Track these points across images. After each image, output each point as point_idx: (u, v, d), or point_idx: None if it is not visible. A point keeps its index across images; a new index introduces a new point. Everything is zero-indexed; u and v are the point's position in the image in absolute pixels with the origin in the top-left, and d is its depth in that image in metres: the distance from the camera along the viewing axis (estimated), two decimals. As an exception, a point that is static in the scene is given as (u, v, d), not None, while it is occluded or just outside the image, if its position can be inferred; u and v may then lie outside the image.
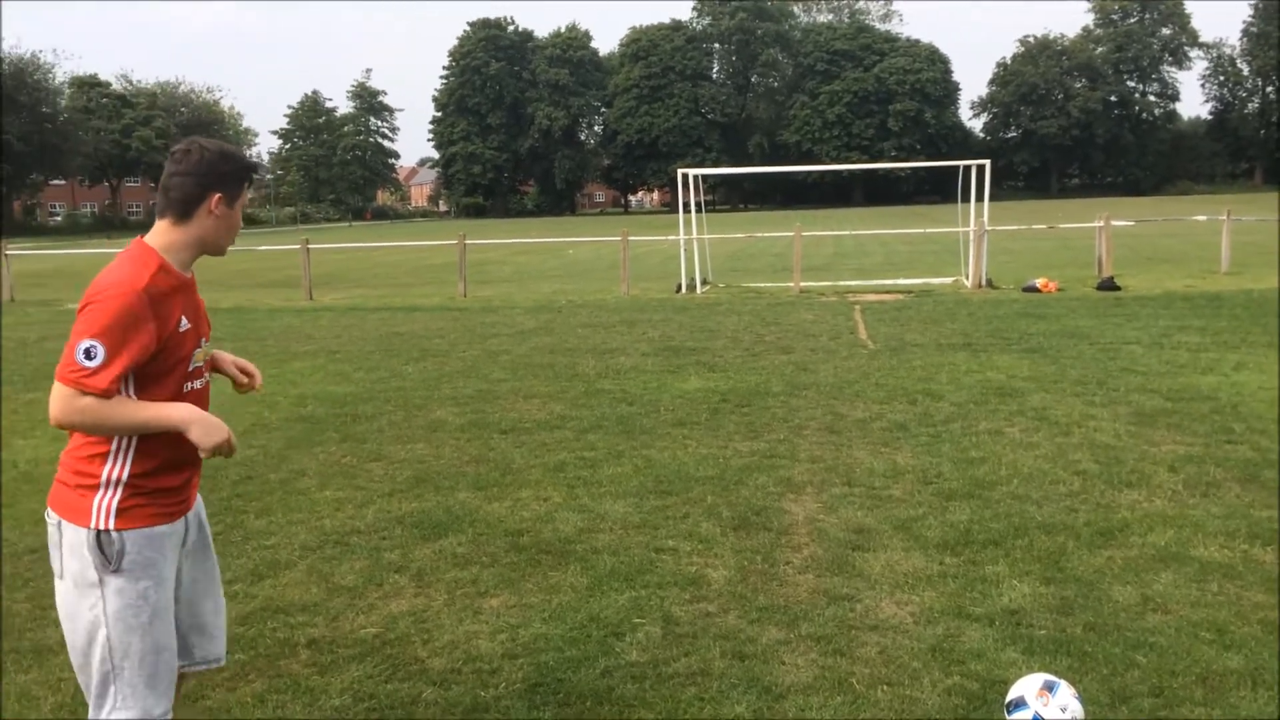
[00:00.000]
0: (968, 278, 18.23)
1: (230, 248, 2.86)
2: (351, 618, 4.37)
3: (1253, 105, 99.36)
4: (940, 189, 74.09)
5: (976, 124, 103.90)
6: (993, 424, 7.38)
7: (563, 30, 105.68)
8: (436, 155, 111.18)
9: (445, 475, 6.51)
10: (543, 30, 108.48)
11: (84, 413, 2.48)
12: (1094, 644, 3.85)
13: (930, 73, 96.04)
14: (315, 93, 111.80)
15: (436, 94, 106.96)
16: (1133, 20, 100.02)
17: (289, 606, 4.50)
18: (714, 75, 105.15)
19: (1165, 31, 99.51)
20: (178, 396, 2.64)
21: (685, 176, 19.69)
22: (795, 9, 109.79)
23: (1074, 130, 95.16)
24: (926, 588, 4.46)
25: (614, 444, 7.18)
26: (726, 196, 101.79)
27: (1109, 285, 16.42)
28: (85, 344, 2.46)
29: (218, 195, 2.67)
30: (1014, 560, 4.72)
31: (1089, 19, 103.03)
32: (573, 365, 10.67)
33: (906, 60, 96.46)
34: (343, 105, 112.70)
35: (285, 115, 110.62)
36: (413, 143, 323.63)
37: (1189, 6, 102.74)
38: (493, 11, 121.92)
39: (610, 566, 4.82)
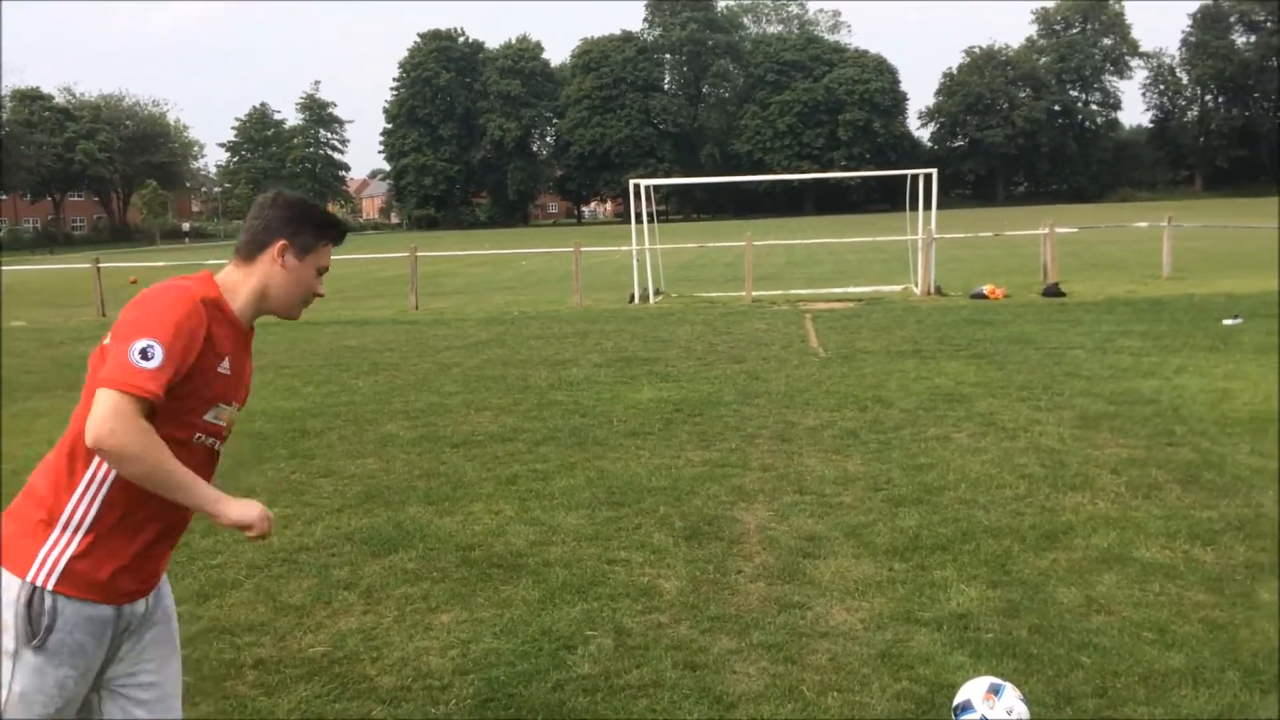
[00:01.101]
0: (917, 285, 18.44)
1: (300, 311, 2.55)
2: (299, 637, 4.32)
3: (1192, 114, 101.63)
4: (889, 197, 74.84)
5: (924, 133, 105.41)
6: (941, 430, 7.46)
7: (514, 41, 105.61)
8: (388, 167, 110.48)
9: (396, 490, 6.46)
10: (494, 41, 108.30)
11: (142, 432, 2.12)
12: (1039, 646, 3.91)
13: (879, 83, 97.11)
14: (263, 105, 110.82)
15: (387, 105, 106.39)
16: (1075, 31, 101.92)
17: (235, 627, 4.44)
18: (665, 86, 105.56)
19: (1106, 41, 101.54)
20: (185, 444, 2.31)
21: (637, 187, 19.74)
22: (745, 20, 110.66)
23: (1019, 139, 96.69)
24: (876, 594, 4.50)
25: (566, 456, 7.17)
26: (679, 206, 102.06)
27: (1054, 291, 16.69)
28: (141, 343, 2.15)
29: (283, 242, 2.43)
30: (961, 565, 4.78)
31: (1033, 29, 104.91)
32: (525, 377, 10.64)
33: (855, 70, 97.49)
34: (291, 117, 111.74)
35: (233, 128, 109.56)
36: (363, 155, 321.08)
37: (1129, 17, 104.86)
38: (444, 23, 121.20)
39: (562, 579, 4.81)
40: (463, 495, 6.29)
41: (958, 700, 3.33)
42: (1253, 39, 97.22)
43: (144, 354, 2.15)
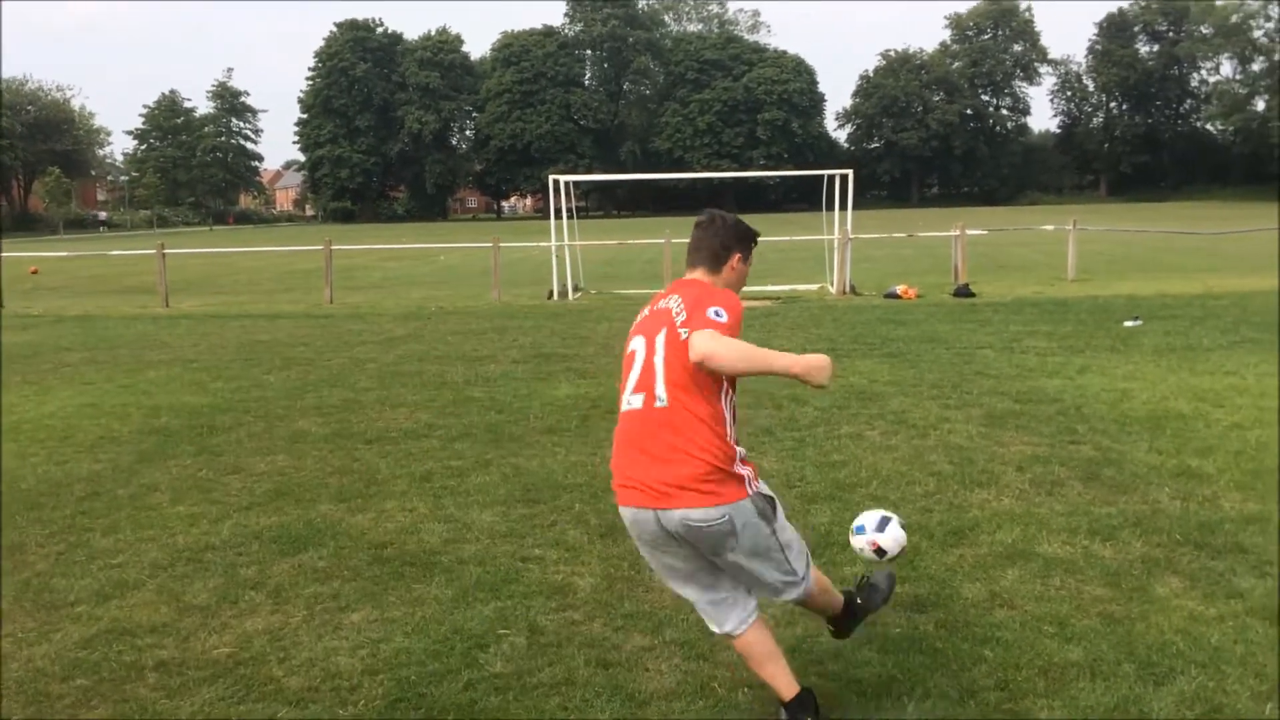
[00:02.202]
0: (833, 284, 18.70)
1: None
2: (204, 638, 4.22)
3: (1097, 120, 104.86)
4: (807, 197, 75.70)
5: (842, 134, 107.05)
6: (854, 427, 7.58)
7: (433, 33, 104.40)
8: (302, 158, 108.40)
9: (307, 487, 6.34)
10: (413, 33, 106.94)
11: (731, 345, 3.00)
12: (944, 640, 3.99)
13: (797, 83, 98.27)
14: (173, 92, 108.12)
15: (302, 95, 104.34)
16: (987, 37, 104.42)
17: (136, 628, 4.32)
18: (586, 82, 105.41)
19: (1017, 48, 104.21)
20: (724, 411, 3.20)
21: (557, 183, 19.68)
22: (666, 18, 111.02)
23: (933, 142, 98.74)
24: (788, 590, 4.54)
25: (482, 452, 7.12)
26: (599, 203, 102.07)
27: (964, 292, 17.06)
28: (713, 308, 3.08)
29: (738, 255, 3.41)
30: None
31: (946, 34, 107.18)
32: (442, 373, 10.53)
33: (774, 70, 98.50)
34: (203, 105, 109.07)
35: (141, 115, 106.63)
36: (277, 145, 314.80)
37: (1038, 24, 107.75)
38: (361, 12, 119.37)
39: (476, 577, 4.77)
40: (376, 492, 6.21)
41: (855, 523, 4.15)
42: (1155, 49, 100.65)
43: (716, 313, 3.10)
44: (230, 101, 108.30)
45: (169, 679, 3.87)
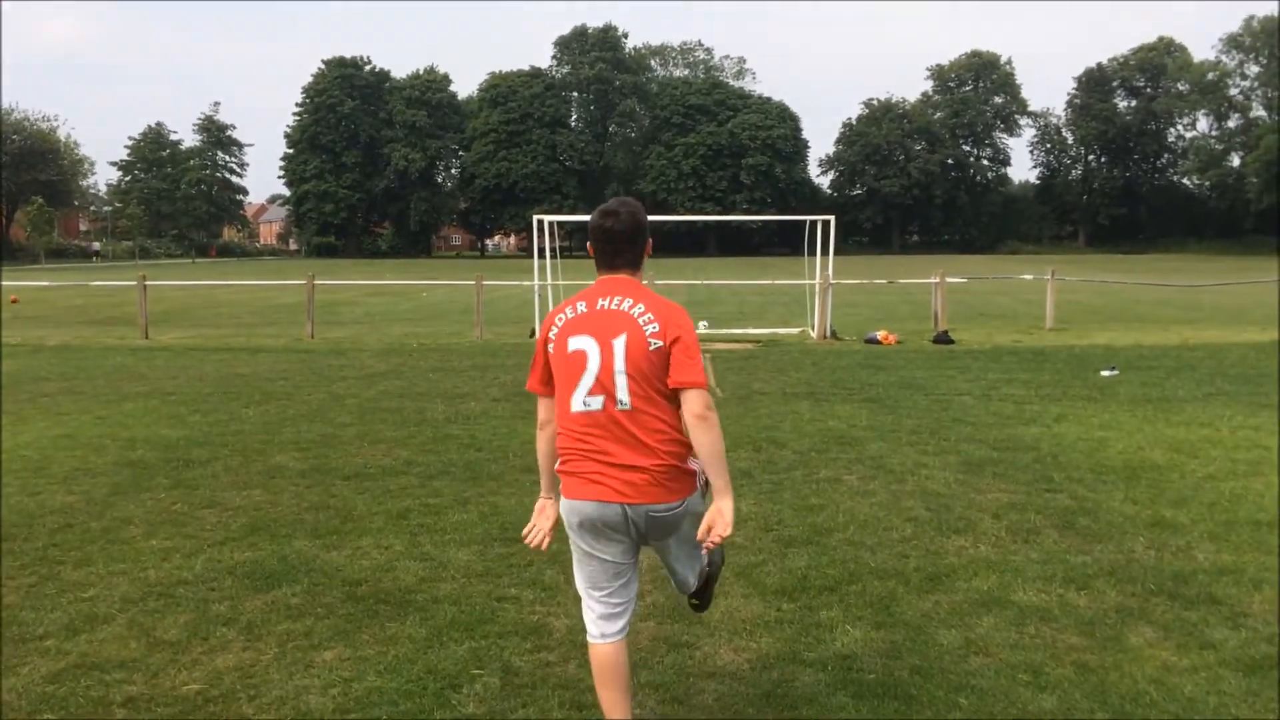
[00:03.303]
0: (813, 329, 18.80)
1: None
2: (173, 674, 4.17)
3: (1076, 172, 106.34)
4: (789, 241, 76.28)
5: (824, 180, 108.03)
6: (832, 471, 7.60)
7: (421, 72, 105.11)
8: (287, 192, 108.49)
9: (282, 523, 6.30)
10: (400, 71, 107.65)
11: (717, 430, 3.23)
12: (919, 687, 3.99)
13: (781, 129, 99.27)
14: (159, 124, 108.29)
15: (288, 130, 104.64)
16: (968, 88, 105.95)
17: (105, 663, 4.26)
18: (572, 123, 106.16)
19: (997, 100, 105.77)
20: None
21: (541, 223, 19.76)
22: (653, 63, 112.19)
23: (914, 190, 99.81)
24: (764, 634, 4.54)
25: (460, 490, 7.09)
26: (582, 243, 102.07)
27: (943, 339, 17.18)
28: (697, 354, 3.25)
29: (649, 240, 3.49)
30: (848, 605, 4.86)
31: (928, 85, 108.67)
32: (422, 410, 10.50)
33: (759, 117, 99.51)
34: (188, 138, 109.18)
35: (126, 146, 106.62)
36: (262, 179, 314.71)
37: (1019, 77, 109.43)
38: (349, 50, 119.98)
39: (451, 616, 4.74)
40: (352, 529, 6.17)
41: None
42: (1133, 104, 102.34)
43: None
44: (216, 134, 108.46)
45: (137, 715, 3.82)
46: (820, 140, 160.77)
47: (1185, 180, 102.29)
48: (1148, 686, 3.96)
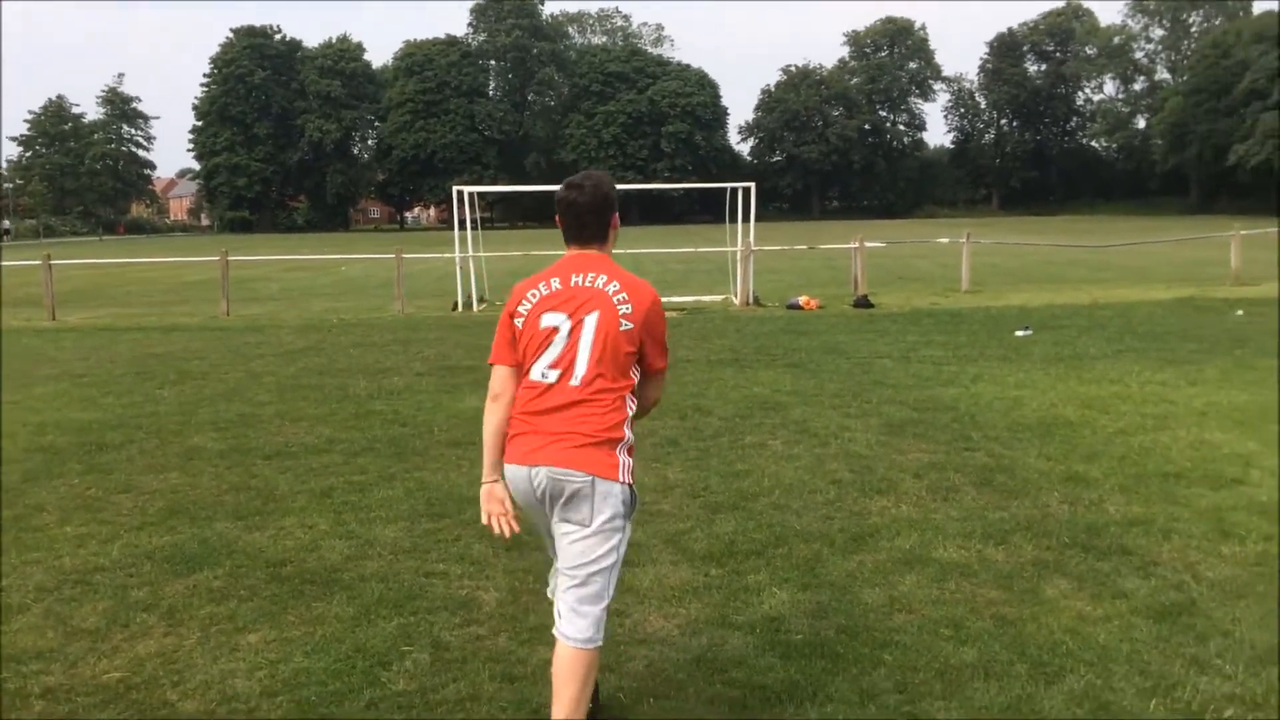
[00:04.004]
0: (736, 295, 18.92)
1: None
2: (93, 662, 4.07)
3: (989, 136, 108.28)
4: (711, 209, 76.57)
5: (745, 147, 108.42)
6: (757, 437, 7.67)
7: (334, 41, 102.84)
8: (197, 166, 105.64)
9: (202, 505, 6.17)
10: (312, 40, 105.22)
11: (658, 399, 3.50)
12: (845, 645, 4.07)
13: (701, 96, 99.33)
14: (60, 97, 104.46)
15: (197, 101, 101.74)
16: (883, 54, 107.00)
17: (21, 654, 4.15)
18: (490, 92, 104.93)
19: (912, 66, 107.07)
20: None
21: (461, 194, 19.53)
22: (570, 30, 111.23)
23: (833, 156, 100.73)
24: (693, 599, 4.59)
25: (385, 467, 7.02)
26: (505, 214, 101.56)
27: (864, 303, 17.42)
28: (663, 337, 3.39)
29: (615, 214, 3.51)
30: (774, 569, 4.93)
31: (845, 51, 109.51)
32: (343, 386, 10.35)
33: (678, 84, 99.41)
34: (92, 111, 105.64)
35: (26, 121, 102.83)
36: (171, 153, 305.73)
37: (933, 43, 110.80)
38: (259, 18, 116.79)
39: (378, 594, 4.70)
40: (274, 509, 6.07)
41: None
42: (1043, 68, 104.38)
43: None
44: (121, 107, 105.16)
45: (56, 706, 3.73)
46: (740, 107, 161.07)
47: (1093, 143, 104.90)
48: (1064, 636, 4.09)
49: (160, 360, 12.59)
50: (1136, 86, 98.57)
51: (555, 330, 3.25)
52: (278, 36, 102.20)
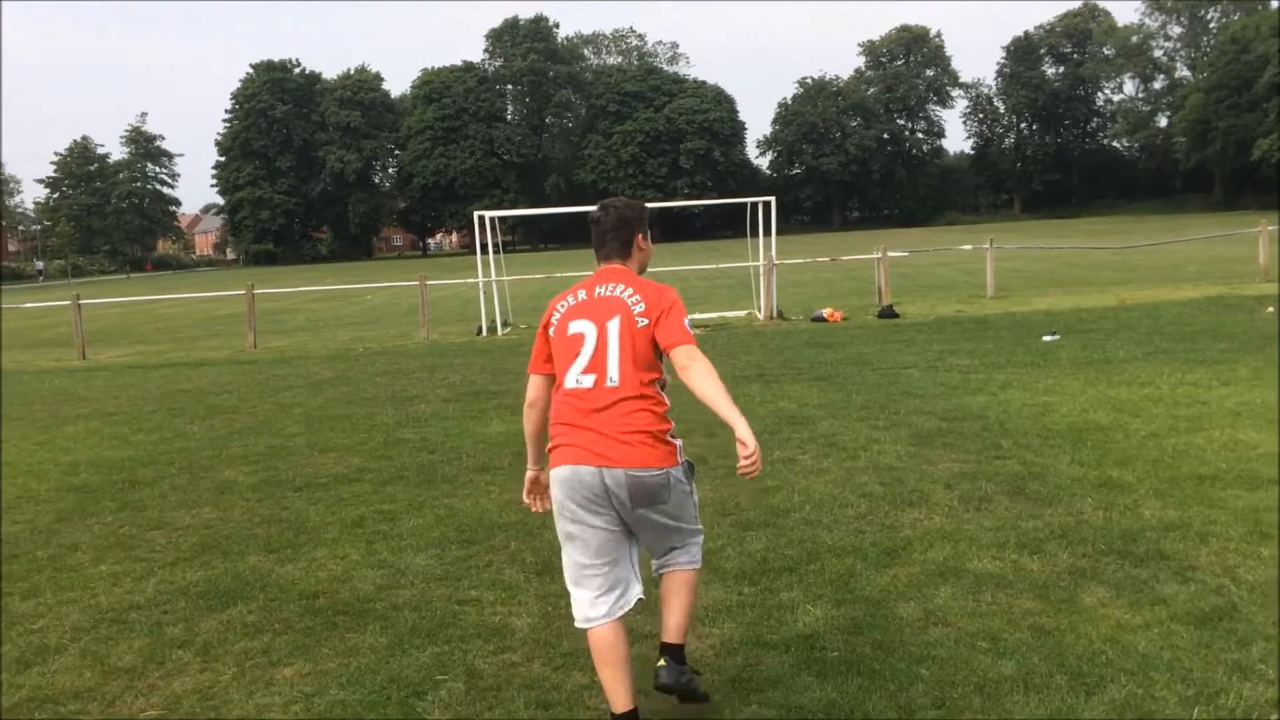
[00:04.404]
0: (760, 310, 18.89)
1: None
2: (130, 701, 4.09)
3: (1009, 140, 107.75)
4: (732, 223, 76.50)
5: (763, 161, 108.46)
6: (786, 452, 7.64)
7: (352, 72, 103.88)
8: (221, 201, 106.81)
9: (234, 539, 6.21)
10: (331, 72, 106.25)
11: (708, 368, 3.44)
12: (881, 661, 4.03)
13: (718, 112, 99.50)
14: (85, 138, 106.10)
15: (219, 137, 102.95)
16: (899, 63, 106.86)
17: (60, 694, 4.18)
18: (508, 116, 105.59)
19: (929, 73, 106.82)
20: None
21: (483, 218, 19.64)
22: (585, 51, 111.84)
23: (852, 166, 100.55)
24: (726, 619, 4.56)
25: (415, 495, 7.04)
26: (526, 236, 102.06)
27: (888, 313, 17.35)
28: (685, 319, 3.53)
29: (640, 234, 3.76)
30: (807, 585, 4.89)
31: (860, 61, 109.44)
32: (371, 415, 10.41)
33: (695, 101, 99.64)
34: (116, 151, 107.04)
35: (52, 163, 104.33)
36: (195, 188, 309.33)
37: (949, 49, 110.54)
38: (277, 53, 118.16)
39: (411, 623, 4.70)
40: (306, 541, 6.10)
41: None
42: (1061, 70, 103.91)
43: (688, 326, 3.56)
44: (145, 146, 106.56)
45: (94, 746, 3.75)
46: (757, 122, 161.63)
47: (1115, 143, 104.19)
48: (1103, 646, 4.03)
49: (189, 396, 12.70)
50: (1156, 85, 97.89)
51: (582, 336, 3.53)
52: (297, 70, 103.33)
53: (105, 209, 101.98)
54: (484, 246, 19.38)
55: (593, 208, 3.80)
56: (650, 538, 3.64)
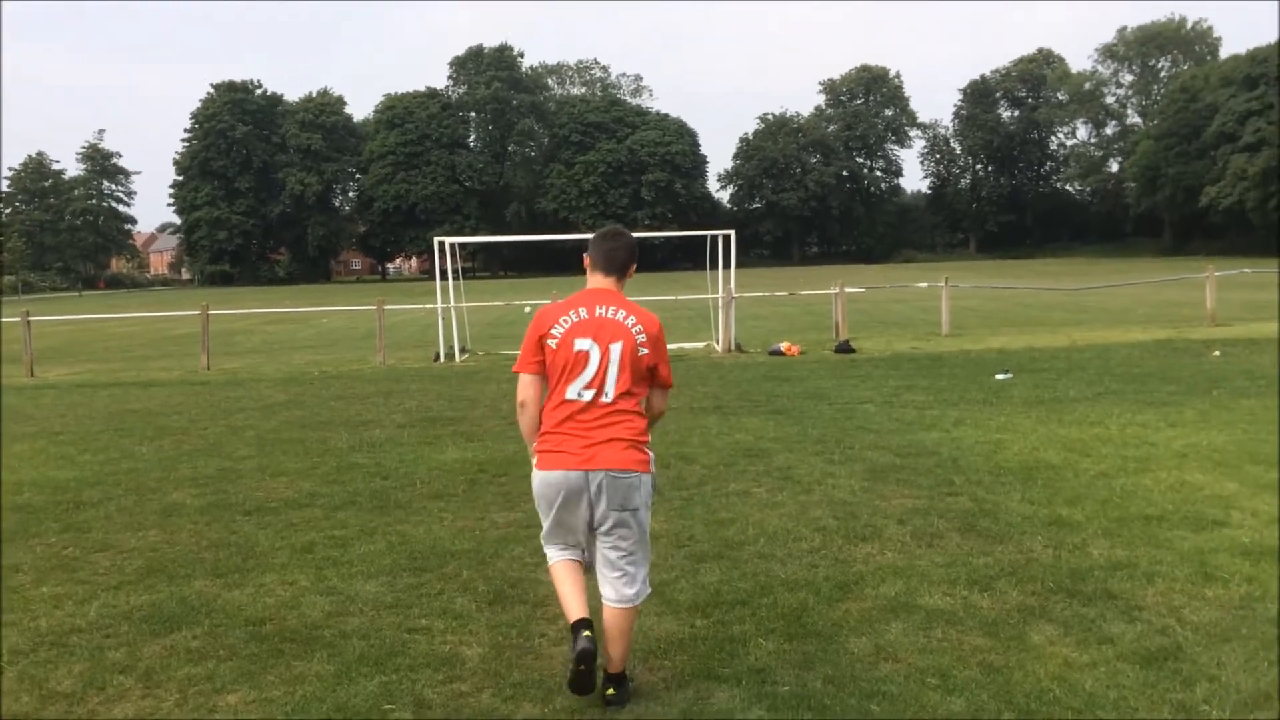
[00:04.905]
0: (718, 343, 18.97)
1: None
2: (68, 728, 3.99)
3: (965, 181, 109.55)
4: (692, 255, 76.83)
5: (724, 195, 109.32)
6: (741, 485, 7.66)
7: (314, 95, 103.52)
8: (178, 220, 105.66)
9: (180, 563, 6.10)
10: (293, 94, 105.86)
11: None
12: (832, 696, 4.03)
13: (680, 145, 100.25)
14: (40, 154, 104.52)
15: (178, 156, 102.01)
16: (859, 101, 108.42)
17: (-6, 721, 4.06)
18: (471, 143, 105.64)
19: (888, 112, 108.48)
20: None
21: (442, 245, 19.59)
22: (549, 81, 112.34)
23: (812, 202, 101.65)
24: (678, 652, 4.54)
25: (367, 521, 6.96)
26: (486, 263, 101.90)
27: (845, 348, 17.50)
28: (667, 358, 4.19)
29: (633, 266, 4.26)
30: (760, 619, 4.89)
31: (821, 99, 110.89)
32: (324, 440, 10.30)
33: (657, 133, 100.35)
34: (72, 167, 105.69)
35: (6, 178, 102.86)
36: (151, 207, 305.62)
37: (907, 90, 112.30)
38: (239, 74, 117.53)
39: (359, 651, 4.64)
40: (254, 566, 6.01)
41: None
42: (1016, 114, 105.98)
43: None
44: (101, 163, 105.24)
45: (29, 774, 3.65)
46: (718, 155, 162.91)
47: (1068, 186, 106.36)
48: (1050, 684, 4.07)
49: (139, 416, 12.50)
50: (1108, 131, 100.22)
51: (587, 355, 4.00)
52: (258, 91, 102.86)
53: (59, 225, 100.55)
54: (444, 272, 19.32)
55: (556, 235, 4.27)
56: (609, 547, 4.05)
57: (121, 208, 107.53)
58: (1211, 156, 74.48)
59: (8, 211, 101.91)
